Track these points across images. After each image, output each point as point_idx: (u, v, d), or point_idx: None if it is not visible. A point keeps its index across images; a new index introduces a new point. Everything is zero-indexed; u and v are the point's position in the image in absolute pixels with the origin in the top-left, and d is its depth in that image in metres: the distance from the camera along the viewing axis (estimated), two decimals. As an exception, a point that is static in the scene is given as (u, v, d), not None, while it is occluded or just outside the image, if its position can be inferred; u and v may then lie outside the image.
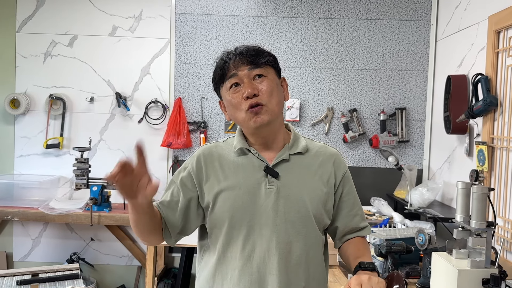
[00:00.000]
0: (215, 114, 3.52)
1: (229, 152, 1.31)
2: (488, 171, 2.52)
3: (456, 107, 2.84)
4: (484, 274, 1.46)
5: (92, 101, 3.51)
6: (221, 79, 1.25)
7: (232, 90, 1.23)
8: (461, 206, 1.58)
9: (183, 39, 3.50)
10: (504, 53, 2.43)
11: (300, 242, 1.24)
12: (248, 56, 1.23)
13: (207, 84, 3.51)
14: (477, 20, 2.76)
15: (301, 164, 1.29)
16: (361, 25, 3.46)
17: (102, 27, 3.50)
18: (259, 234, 1.22)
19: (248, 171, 1.26)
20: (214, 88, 1.31)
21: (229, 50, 1.29)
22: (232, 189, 1.24)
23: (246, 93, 1.20)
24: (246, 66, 1.22)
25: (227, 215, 1.23)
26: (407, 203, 3.04)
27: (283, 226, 1.23)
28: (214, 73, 1.28)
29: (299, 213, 1.25)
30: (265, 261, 1.22)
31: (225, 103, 1.29)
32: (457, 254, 1.56)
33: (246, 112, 1.22)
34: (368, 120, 3.50)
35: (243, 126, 1.27)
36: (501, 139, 2.42)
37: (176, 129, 3.44)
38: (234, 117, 1.27)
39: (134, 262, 3.56)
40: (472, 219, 1.50)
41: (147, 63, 3.52)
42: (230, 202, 1.24)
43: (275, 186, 1.24)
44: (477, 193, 1.49)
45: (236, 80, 1.23)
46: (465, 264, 1.50)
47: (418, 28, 3.46)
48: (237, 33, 3.48)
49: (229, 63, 1.23)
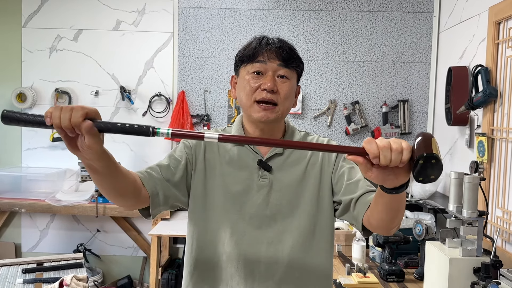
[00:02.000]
0: (218, 107, 3.55)
1: None
2: (488, 162, 2.52)
3: (457, 99, 2.84)
4: (476, 263, 1.48)
5: (97, 95, 3.56)
6: (248, 59, 1.24)
7: (252, 75, 1.23)
8: (454, 196, 1.60)
9: (186, 32, 3.52)
10: (504, 44, 2.42)
11: (293, 233, 1.26)
12: (283, 53, 1.23)
13: (210, 78, 3.54)
14: (478, 11, 2.75)
15: (294, 157, 1.31)
16: (363, 17, 3.46)
17: (106, 21, 3.54)
18: (248, 223, 1.25)
19: (242, 162, 1.29)
20: (235, 61, 1.30)
21: (267, 36, 1.27)
22: (227, 177, 1.27)
23: (267, 86, 1.20)
24: (277, 61, 1.22)
25: (219, 202, 1.26)
26: (408, 195, 3.05)
27: (274, 217, 1.26)
28: (244, 49, 1.26)
29: (291, 204, 1.27)
30: (254, 250, 1.25)
31: (239, 81, 1.28)
32: (450, 243, 1.59)
33: (255, 102, 1.23)
34: (371, 113, 3.50)
35: (245, 111, 1.28)
36: (501, 130, 2.43)
37: (180, 122, 3.48)
38: (240, 98, 1.28)
39: (140, 253, 3.62)
40: (464, 209, 1.52)
41: (151, 57, 3.56)
42: (223, 190, 1.26)
43: (267, 179, 1.27)
44: (469, 182, 1.51)
45: (261, 68, 1.22)
46: (457, 253, 1.52)
47: (421, 20, 3.45)
48: (239, 26, 3.50)
49: (263, 49, 1.22)
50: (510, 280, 1.66)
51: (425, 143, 0.85)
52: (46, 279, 1.92)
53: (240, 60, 1.26)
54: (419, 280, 2.17)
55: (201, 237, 1.29)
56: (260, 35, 1.27)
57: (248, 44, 1.27)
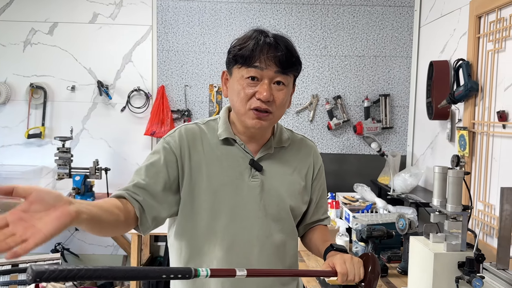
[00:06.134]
0: (199, 102, 3.49)
1: (212, 137, 1.24)
2: (469, 156, 2.54)
3: (438, 93, 2.85)
4: (460, 257, 1.47)
5: (74, 90, 3.46)
6: (244, 62, 1.15)
7: (247, 80, 1.15)
8: (437, 190, 1.59)
9: (165, 26, 3.45)
10: (485, 38, 2.43)
11: (278, 235, 1.24)
12: (281, 58, 1.14)
13: (191, 72, 3.47)
14: (459, 5, 2.75)
15: (283, 158, 1.28)
16: (345, 11, 3.44)
17: (82, 14, 3.44)
18: (240, 227, 1.20)
19: (232, 162, 1.22)
20: (228, 58, 1.20)
21: (265, 32, 1.17)
22: (215, 177, 1.20)
23: (262, 97, 1.13)
24: (274, 68, 1.14)
25: (207, 204, 1.19)
26: (390, 189, 3.06)
27: (264, 219, 1.22)
28: (239, 48, 1.16)
29: (278, 206, 1.24)
30: (245, 253, 1.21)
31: (232, 83, 1.20)
32: (434, 238, 1.57)
33: (249, 109, 1.16)
34: (352, 107, 3.50)
35: (237, 115, 1.21)
36: (482, 124, 2.44)
37: (160, 117, 3.41)
38: (233, 102, 1.20)
39: (120, 251, 3.55)
40: (448, 203, 1.51)
41: (129, 51, 3.47)
42: (211, 191, 1.19)
43: (258, 179, 1.22)
44: (453, 177, 1.50)
45: (257, 75, 1.14)
46: (441, 248, 1.51)
47: (402, 14, 3.45)
48: (220, 19, 3.44)
49: (261, 52, 1.13)
50: (493, 273, 1.66)
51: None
52: (22, 281, 1.86)
53: (234, 59, 1.17)
54: (402, 274, 2.17)
55: (191, 242, 1.22)
56: (257, 30, 1.19)
57: (243, 41, 1.17)
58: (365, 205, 2.93)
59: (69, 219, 0.80)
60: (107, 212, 0.99)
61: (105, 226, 0.98)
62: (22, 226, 0.75)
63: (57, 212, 0.79)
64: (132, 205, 1.09)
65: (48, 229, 0.76)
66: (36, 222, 0.76)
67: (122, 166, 3.48)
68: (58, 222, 0.78)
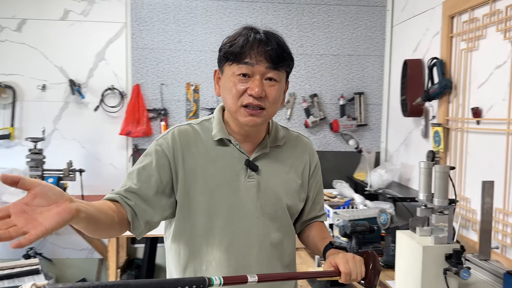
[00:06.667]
0: (175, 101, 3.44)
1: (207, 138, 1.23)
2: (444, 151, 2.62)
3: (413, 91, 2.93)
4: (447, 250, 1.52)
5: (44, 89, 3.34)
6: (234, 58, 1.13)
7: (238, 77, 1.14)
8: (423, 185, 1.64)
9: (140, 23, 3.38)
10: (458, 37, 2.52)
11: (276, 233, 1.24)
12: (272, 54, 1.13)
13: (167, 70, 3.42)
14: (431, 6, 2.84)
15: (278, 157, 1.28)
16: (320, 10, 3.49)
17: (52, 10, 3.32)
18: (238, 227, 1.19)
19: (227, 162, 1.21)
20: (219, 56, 1.19)
21: (255, 29, 1.16)
22: (210, 179, 1.18)
23: (254, 92, 1.12)
24: (265, 64, 1.13)
25: (204, 206, 1.18)
26: (367, 185, 3.13)
27: (262, 219, 1.22)
28: (230, 45, 1.14)
29: (275, 205, 1.24)
30: (244, 253, 1.20)
31: (224, 80, 1.19)
32: (421, 231, 1.62)
33: (241, 106, 1.15)
34: (329, 105, 3.55)
35: (231, 113, 1.20)
36: (456, 120, 2.53)
37: (135, 116, 3.35)
38: (225, 100, 1.19)
39: (95, 254, 3.46)
40: (435, 197, 1.55)
41: (102, 49, 3.38)
42: (207, 193, 1.18)
43: (254, 179, 1.21)
44: (440, 172, 1.55)
45: (248, 71, 1.13)
46: (428, 241, 1.55)
47: (375, 13, 3.53)
48: (196, 17, 3.41)
49: (251, 48, 1.12)
50: (476, 264, 1.73)
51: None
52: (-1, 289, 1.78)
53: (225, 57, 1.16)
54: (385, 268, 2.22)
55: (189, 244, 1.21)
56: (247, 27, 1.17)
57: (234, 38, 1.16)
58: (344, 201, 2.98)
59: (70, 216, 0.81)
60: (103, 213, 0.99)
61: (101, 226, 0.98)
62: (24, 218, 0.77)
63: (59, 208, 0.80)
64: (125, 209, 1.09)
65: (49, 223, 0.77)
66: (37, 215, 0.78)
67: (96, 167, 3.39)
68: (59, 217, 0.79)
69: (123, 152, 3.44)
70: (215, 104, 3.44)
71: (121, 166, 3.42)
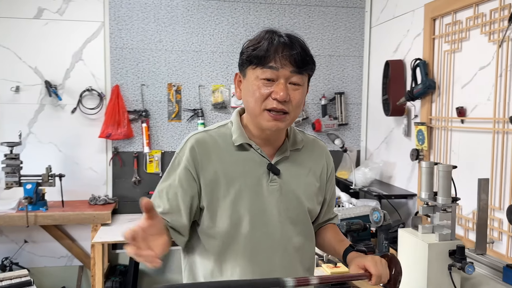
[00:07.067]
0: (157, 102, 3.37)
1: (226, 144, 1.22)
2: (428, 149, 2.71)
3: (395, 91, 3.01)
4: (451, 246, 1.57)
5: (18, 91, 3.19)
6: (258, 62, 1.12)
7: (262, 81, 1.13)
8: (425, 184, 1.68)
9: (118, 22, 3.29)
10: (441, 39, 2.61)
11: (298, 237, 1.25)
12: (296, 58, 1.12)
13: (147, 70, 3.35)
14: (412, 8, 2.92)
15: (298, 160, 1.28)
16: (300, 11, 3.51)
17: (25, 9, 3.17)
18: (263, 232, 1.19)
19: (248, 167, 1.20)
20: (242, 60, 1.17)
21: (278, 32, 1.16)
22: (232, 185, 1.17)
23: (279, 96, 1.11)
24: (290, 68, 1.12)
25: (228, 213, 1.17)
26: (350, 183, 3.18)
27: (284, 223, 1.22)
28: (253, 48, 1.13)
29: (297, 209, 1.24)
30: (268, 258, 1.20)
31: (246, 84, 1.17)
32: (423, 229, 1.66)
33: (264, 109, 1.14)
34: (311, 105, 3.58)
35: (253, 117, 1.19)
36: (440, 119, 2.61)
37: (115, 118, 3.25)
38: (247, 103, 1.18)
39: (75, 262, 3.34)
40: (439, 196, 1.60)
41: (79, 48, 3.27)
42: (230, 199, 1.17)
43: (277, 184, 1.21)
44: (443, 171, 1.60)
45: (273, 75, 1.12)
46: (432, 238, 1.60)
47: (354, 14, 3.59)
48: (177, 16, 3.35)
49: (276, 52, 1.11)
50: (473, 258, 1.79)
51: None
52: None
53: (248, 60, 1.15)
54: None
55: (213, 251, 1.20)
56: (269, 30, 1.16)
57: (257, 41, 1.15)
58: (330, 200, 3.01)
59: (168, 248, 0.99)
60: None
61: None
62: (144, 243, 0.90)
63: (162, 239, 0.95)
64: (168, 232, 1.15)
65: (158, 252, 0.92)
66: (150, 243, 0.92)
67: (75, 172, 3.27)
68: (163, 248, 0.95)
69: (103, 155, 3.34)
70: (198, 105, 3.40)
71: (100, 170, 3.32)
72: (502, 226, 2.12)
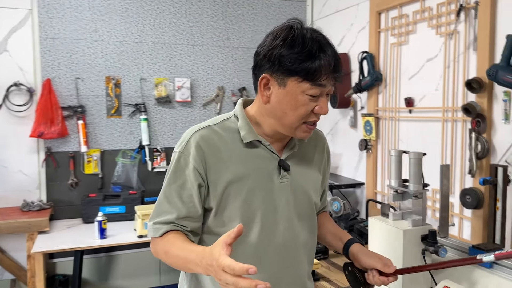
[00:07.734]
0: (93, 97, 3.13)
1: (232, 139, 1.16)
2: (376, 139, 2.80)
3: (341, 83, 3.06)
4: (423, 231, 1.61)
5: None
6: (308, 77, 1.06)
7: (308, 97, 1.08)
8: (394, 172, 1.72)
9: (48, 10, 2.99)
10: (387, 32, 2.69)
11: (305, 233, 1.24)
12: (336, 74, 1.11)
13: (82, 63, 3.09)
14: (356, 2, 2.99)
15: (303, 153, 1.26)
16: (244, 2, 3.45)
17: None
18: (273, 230, 1.16)
19: (258, 164, 1.15)
20: (283, 67, 1.07)
21: (324, 45, 1.09)
22: (242, 182, 1.13)
23: (323, 112, 1.11)
24: (331, 82, 1.10)
25: (239, 212, 1.12)
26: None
27: (295, 219, 1.20)
28: (303, 60, 1.05)
29: (305, 205, 1.23)
30: (280, 256, 1.18)
31: (285, 94, 1.09)
32: (394, 216, 1.70)
33: (303, 123, 1.12)
34: (256, 98, 3.54)
35: (285, 127, 1.13)
36: (387, 110, 2.71)
37: (48, 116, 2.96)
38: (284, 115, 1.11)
39: (6, 275, 3.00)
40: (410, 183, 1.64)
41: (3, 39, 2.92)
42: (242, 198, 1.13)
43: (287, 180, 1.18)
44: (414, 158, 1.64)
45: (320, 92, 1.09)
46: (405, 224, 1.64)
47: (296, 8, 3.61)
48: (114, 4, 3.13)
49: (326, 70, 1.07)
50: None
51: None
52: None
53: (294, 71, 1.06)
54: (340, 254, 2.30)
55: None
56: (307, 37, 1.08)
57: (308, 53, 1.06)
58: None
59: None
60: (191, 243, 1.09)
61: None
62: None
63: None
64: (187, 236, 1.13)
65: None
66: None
67: (3, 175, 2.94)
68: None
69: (34, 156, 3.03)
70: (140, 99, 3.21)
71: (32, 173, 3.01)
72: (454, 209, 2.25)
